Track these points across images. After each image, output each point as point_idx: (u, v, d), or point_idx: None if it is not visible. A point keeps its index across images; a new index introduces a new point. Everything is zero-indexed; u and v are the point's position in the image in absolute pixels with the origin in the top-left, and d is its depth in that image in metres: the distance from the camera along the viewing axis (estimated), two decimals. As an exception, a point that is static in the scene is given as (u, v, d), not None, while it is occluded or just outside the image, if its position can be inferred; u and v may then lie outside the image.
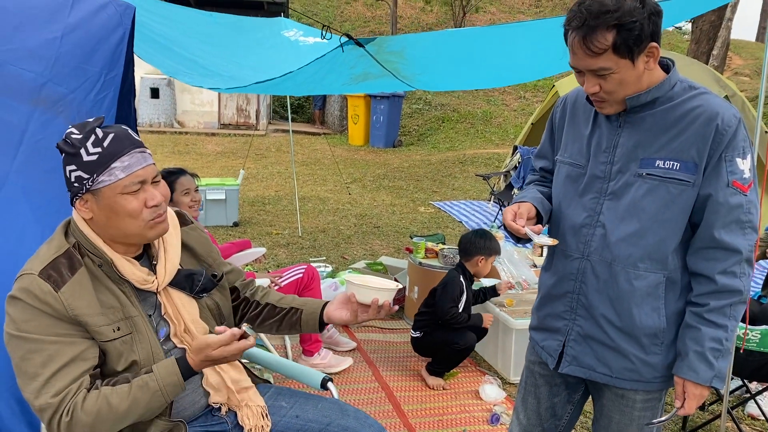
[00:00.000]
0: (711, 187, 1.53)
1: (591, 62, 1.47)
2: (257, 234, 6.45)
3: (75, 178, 1.46)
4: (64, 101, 2.01)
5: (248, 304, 1.88)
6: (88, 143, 1.45)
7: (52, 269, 1.43)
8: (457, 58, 3.70)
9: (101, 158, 1.45)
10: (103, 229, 1.51)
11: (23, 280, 1.42)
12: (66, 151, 1.46)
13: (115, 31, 2.23)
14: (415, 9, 20.08)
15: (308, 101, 16.22)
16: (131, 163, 1.48)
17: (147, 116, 13.31)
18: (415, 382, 3.55)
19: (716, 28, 11.02)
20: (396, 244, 6.35)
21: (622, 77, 1.49)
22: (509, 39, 3.50)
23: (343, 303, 1.75)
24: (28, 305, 1.39)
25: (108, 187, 1.45)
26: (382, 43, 3.27)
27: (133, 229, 1.51)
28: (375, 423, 1.81)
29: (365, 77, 3.88)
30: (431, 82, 4.38)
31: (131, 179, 1.47)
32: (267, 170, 10.45)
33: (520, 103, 15.72)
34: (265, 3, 13.23)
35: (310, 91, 4.68)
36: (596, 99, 1.57)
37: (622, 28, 1.42)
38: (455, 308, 3.38)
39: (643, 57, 1.48)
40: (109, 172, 1.45)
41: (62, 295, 1.40)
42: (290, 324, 1.83)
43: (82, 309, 1.43)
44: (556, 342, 1.76)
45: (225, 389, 1.70)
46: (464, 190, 9.62)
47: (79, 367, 1.42)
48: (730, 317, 1.56)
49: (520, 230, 1.62)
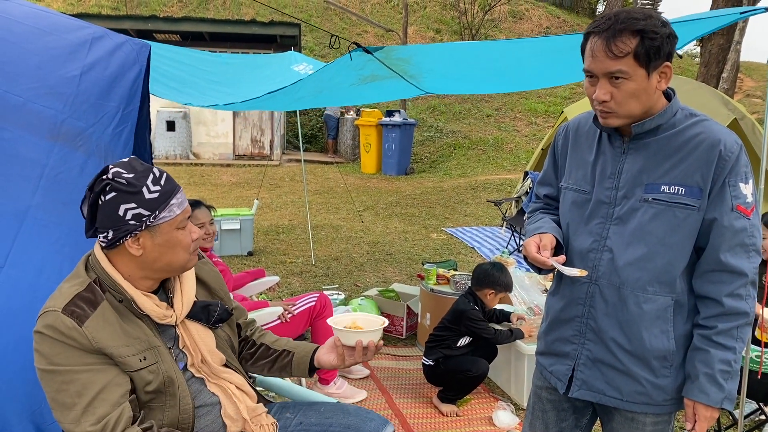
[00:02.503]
0: (716, 212, 1.56)
1: (610, 64, 1.50)
2: (271, 263, 6.50)
3: (133, 216, 1.49)
4: (82, 136, 2.09)
5: (246, 342, 1.93)
6: (148, 182, 1.51)
7: (74, 305, 1.47)
8: (464, 63, 3.78)
9: (161, 196, 1.52)
10: (150, 264, 1.56)
11: (47, 317, 1.45)
12: (122, 190, 1.49)
13: (131, 68, 2.32)
14: (425, 39, 20.35)
15: (321, 131, 16.42)
16: (182, 200, 1.58)
17: (163, 148, 13.53)
18: (428, 409, 3.53)
19: (725, 51, 11.05)
20: (408, 271, 6.36)
21: (635, 88, 1.51)
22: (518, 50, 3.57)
23: (331, 347, 1.79)
24: (56, 340, 1.43)
25: (167, 222, 1.54)
26: (390, 51, 3.37)
27: (181, 262, 1.60)
28: (376, 416, 1.84)
29: (373, 78, 3.96)
30: (438, 84, 4.44)
31: (183, 215, 1.57)
32: (281, 200, 10.55)
33: (530, 129, 15.78)
34: (278, 37, 13.50)
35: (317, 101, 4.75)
36: (604, 109, 1.57)
37: (646, 37, 1.47)
38: (490, 327, 3.42)
39: (656, 74, 1.52)
40: (168, 208, 1.53)
41: (86, 329, 1.45)
42: (281, 366, 1.88)
43: (107, 341, 1.47)
44: (565, 367, 1.77)
45: (241, 420, 1.73)
46: (476, 216, 9.63)
47: (114, 392, 1.47)
48: (738, 339, 1.58)
49: (546, 262, 1.64)
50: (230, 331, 1.82)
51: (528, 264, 1.74)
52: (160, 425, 1.56)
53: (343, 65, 3.37)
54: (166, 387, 1.57)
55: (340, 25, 20.38)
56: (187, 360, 1.67)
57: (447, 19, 20.80)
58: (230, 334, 1.81)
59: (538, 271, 1.77)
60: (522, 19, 21.97)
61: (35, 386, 1.52)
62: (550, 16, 22.49)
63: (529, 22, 21.87)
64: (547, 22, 22.04)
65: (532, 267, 1.75)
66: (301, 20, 14.32)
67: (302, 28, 15.26)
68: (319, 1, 20.99)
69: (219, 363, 1.73)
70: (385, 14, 21.30)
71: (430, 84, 4.36)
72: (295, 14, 19.80)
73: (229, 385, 1.73)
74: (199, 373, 1.69)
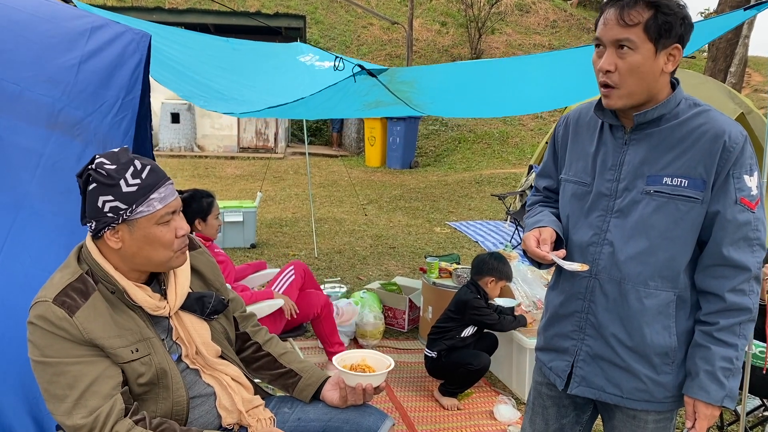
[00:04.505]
0: (719, 204, 1.52)
1: (620, 32, 1.48)
2: (274, 255, 6.50)
3: (110, 208, 1.48)
4: (80, 125, 2.07)
5: (249, 341, 1.91)
6: (127, 174, 1.49)
7: (65, 296, 1.46)
8: (468, 88, 3.74)
9: (141, 189, 1.49)
10: (130, 258, 1.54)
11: (38, 307, 1.45)
12: (101, 182, 1.48)
13: (132, 57, 2.30)
14: (431, 32, 20.27)
15: (326, 124, 16.39)
16: (166, 195, 1.54)
17: (168, 141, 13.54)
18: (429, 403, 3.52)
19: (733, 45, 10.97)
20: (411, 265, 6.35)
21: (640, 61, 1.48)
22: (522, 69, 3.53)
23: (335, 384, 1.82)
24: (47, 331, 1.43)
25: (145, 217, 1.50)
26: (393, 74, 3.32)
27: (162, 258, 1.56)
28: (375, 410, 1.83)
29: (378, 104, 3.93)
30: (443, 109, 4.42)
31: (166, 210, 1.53)
32: (285, 192, 10.54)
33: (536, 123, 15.72)
34: (283, 29, 13.47)
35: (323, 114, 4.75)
36: (606, 84, 1.55)
37: (659, 11, 1.46)
38: (494, 313, 3.42)
39: (665, 55, 1.50)
40: (147, 203, 1.50)
41: (77, 320, 1.44)
42: (284, 385, 1.89)
43: (98, 332, 1.46)
44: (564, 362, 1.75)
45: (237, 411, 1.72)
46: (480, 210, 9.60)
47: (106, 384, 1.46)
48: (740, 336, 1.54)
49: (547, 257, 1.61)
50: (226, 322, 1.80)
51: (527, 258, 1.72)
52: (153, 416, 1.54)
53: (348, 90, 3.32)
54: (159, 379, 1.55)
55: (345, 18, 20.31)
56: (181, 351, 1.66)
57: (453, 12, 20.69)
58: (226, 326, 1.79)
59: (538, 266, 1.75)
60: (528, 13, 21.84)
61: (31, 377, 1.51)
62: (557, 9, 22.34)
63: (535, 16, 21.75)
64: (554, 16, 21.90)
65: (531, 261, 1.72)
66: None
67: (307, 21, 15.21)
68: (325, -6, 20.91)
69: (214, 355, 1.72)
70: (392, 6, 21.20)
71: (434, 110, 4.33)
72: (300, 6, 19.74)
73: (225, 376, 1.72)
74: (194, 364, 1.67)
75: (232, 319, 1.87)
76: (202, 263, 1.80)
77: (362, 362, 1.81)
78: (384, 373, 1.75)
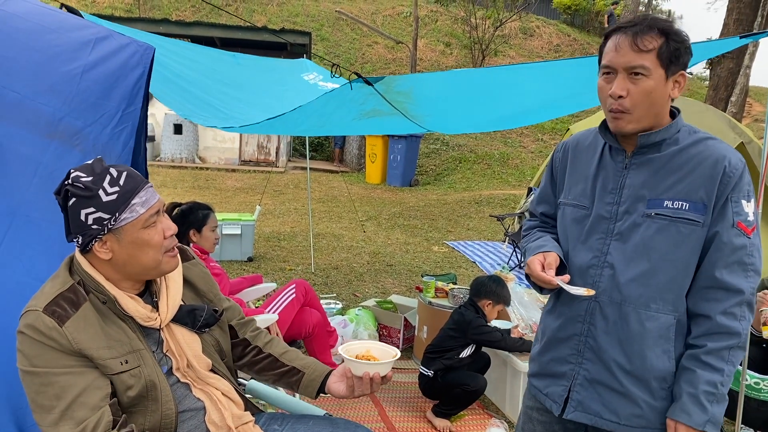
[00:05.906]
0: (717, 227, 1.55)
1: (634, 58, 1.51)
2: (271, 269, 6.48)
3: (94, 220, 1.47)
4: (80, 134, 2.07)
5: (249, 347, 1.89)
6: (104, 183, 1.47)
7: (56, 305, 1.45)
8: (465, 99, 3.73)
9: (121, 197, 1.48)
10: (122, 267, 1.53)
11: (28, 316, 1.44)
12: (80, 195, 1.46)
13: (135, 69, 2.30)
14: (435, 52, 20.42)
15: (328, 139, 16.43)
16: (148, 198, 1.52)
17: (169, 151, 13.56)
18: (421, 424, 3.49)
19: (734, 74, 11.04)
20: (408, 283, 6.33)
21: (653, 87, 1.51)
22: (519, 79, 3.53)
23: (341, 375, 1.76)
24: (35, 341, 1.42)
25: (130, 223, 1.49)
26: (390, 83, 3.32)
27: (152, 262, 1.55)
28: (365, 430, 1.80)
29: (374, 113, 3.92)
30: (439, 123, 4.41)
31: (150, 212, 1.52)
32: (284, 206, 10.54)
33: (537, 145, 15.78)
34: (289, 44, 13.56)
35: (319, 129, 4.73)
36: (617, 108, 1.55)
37: (670, 38, 1.50)
38: (497, 332, 3.40)
39: (672, 81, 1.54)
40: (130, 209, 1.49)
41: (66, 329, 1.43)
42: (288, 384, 1.85)
43: (87, 343, 1.45)
44: (561, 388, 1.73)
45: (226, 427, 1.70)
46: (479, 231, 9.60)
47: (94, 395, 1.44)
48: (728, 362, 1.54)
49: (552, 281, 1.61)
50: (220, 333, 1.78)
51: (530, 282, 1.72)
52: (141, 429, 1.53)
53: (345, 97, 3.33)
54: (148, 391, 1.54)
55: (350, 36, 20.47)
56: (171, 364, 1.64)
57: (458, 33, 20.86)
58: (219, 338, 1.77)
59: (540, 290, 1.75)
60: (532, 36, 22.03)
61: (18, 388, 1.50)
62: (561, 34, 22.55)
63: (539, 40, 21.93)
64: (557, 40, 22.10)
65: (534, 286, 1.72)
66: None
67: (312, 37, 15.32)
68: (331, 11, 21.11)
69: (205, 368, 1.70)
70: (396, 26, 21.39)
71: (430, 123, 4.33)
72: (306, 23, 19.91)
73: (215, 391, 1.70)
74: (185, 378, 1.66)
75: (228, 328, 1.85)
76: (195, 274, 1.79)
77: (367, 353, 1.75)
78: (391, 362, 1.69)
